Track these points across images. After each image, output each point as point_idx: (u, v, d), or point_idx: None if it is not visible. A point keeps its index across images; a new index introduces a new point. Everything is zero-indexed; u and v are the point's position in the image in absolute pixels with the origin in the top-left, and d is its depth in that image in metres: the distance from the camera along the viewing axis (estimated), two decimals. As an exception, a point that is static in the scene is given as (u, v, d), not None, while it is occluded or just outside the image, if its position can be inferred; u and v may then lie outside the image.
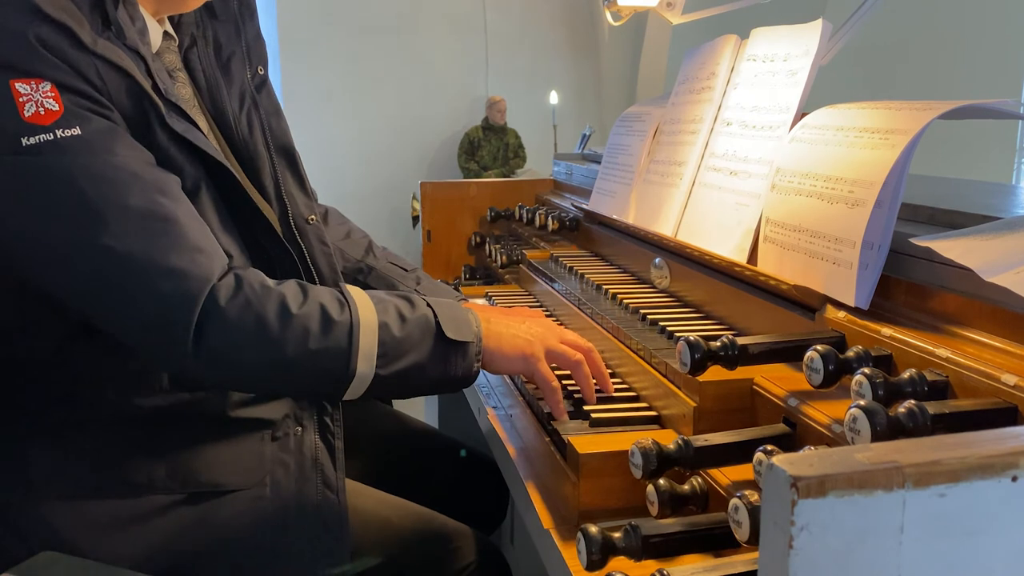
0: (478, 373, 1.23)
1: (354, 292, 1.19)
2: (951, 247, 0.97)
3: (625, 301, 1.53)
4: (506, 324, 1.29)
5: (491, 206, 2.51)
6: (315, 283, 1.33)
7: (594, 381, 1.29)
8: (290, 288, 1.15)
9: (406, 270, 1.65)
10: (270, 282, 1.14)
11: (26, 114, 1.05)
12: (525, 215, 2.35)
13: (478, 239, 2.50)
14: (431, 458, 1.71)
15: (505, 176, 6.72)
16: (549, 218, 2.18)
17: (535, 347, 1.26)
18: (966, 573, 0.54)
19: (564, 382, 1.30)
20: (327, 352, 1.12)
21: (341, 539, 1.27)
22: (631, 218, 1.82)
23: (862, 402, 0.82)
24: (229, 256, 1.20)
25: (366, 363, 1.13)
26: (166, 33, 1.28)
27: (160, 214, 1.09)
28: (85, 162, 1.07)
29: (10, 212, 1.09)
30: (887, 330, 1.00)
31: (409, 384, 1.20)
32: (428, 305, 1.22)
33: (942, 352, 0.91)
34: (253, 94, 1.35)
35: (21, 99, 1.05)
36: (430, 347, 1.18)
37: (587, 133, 3.04)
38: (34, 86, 1.05)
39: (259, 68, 1.38)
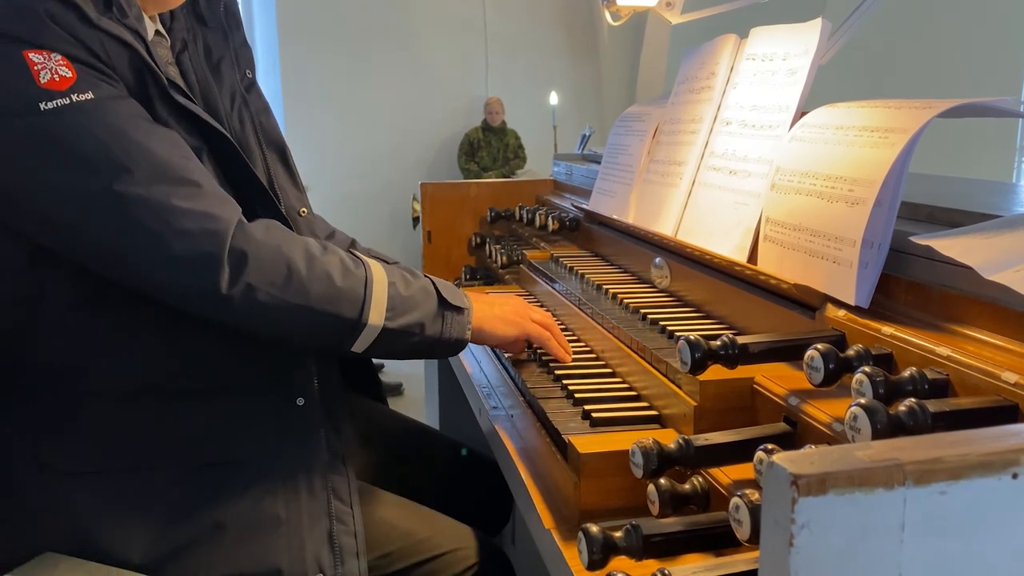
0: (468, 340, 1.36)
1: (363, 256, 1.29)
2: (951, 245, 0.97)
3: (625, 301, 1.53)
4: (489, 303, 1.45)
5: (491, 207, 2.51)
6: None
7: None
8: (310, 240, 1.24)
9: (388, 263, 1.69)
10: (293, 232, 1.24)
11: (42, 80, 1.10)
12: (525, 215, 2.35)
13: (478, 240, 2.50)
14: (434, 459, 1.72)
15: (505, 177, 6.72)
16: (549, 218, 2.18)
17: (523, 314, 1.45)
18: (967, 571, 0.54)
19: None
20: (345, 297, 1.21)
21: (351, 506, 1.28)
22: (631, 218, 1.82)
23: (863, 400, 0.82)
24: None
25: (378, 314, 1.23)
26: (157, 32, 1.32)
27: (177, 165, 1.16)
28: (103, 119, 1.12)
29: (32, 172, 1.12)
30: (887, 329, 1.00)
31: (409, 341, 1.28)
32: (426, 276, 1.35)
33: (942, 350, 0.91)
34: (243, 94, 1.40)
35: (36, 67, 1.10)
36: (432, 308, 1.30)
37: (587, 133, 3.03)
38: (46, 55, 1.11)
39: (247, 72, 1.43)
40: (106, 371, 1.21)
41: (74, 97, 1.10)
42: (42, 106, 1.09)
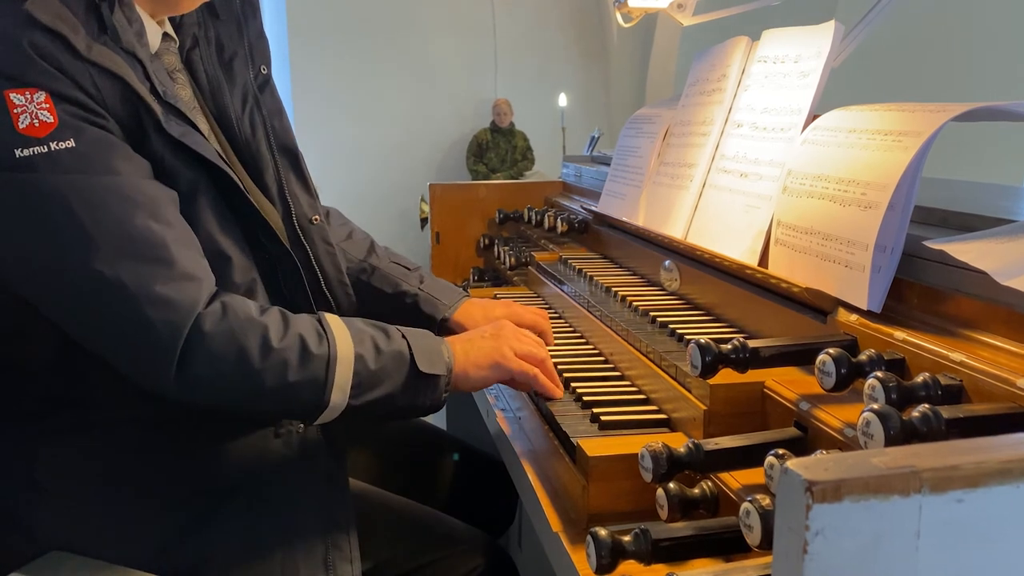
0: (445, 402, 1.25)
1: (333, 323, 1.20)
2: (965, 250, 0.96)
3: (635, 303, 1.53)
4: (473, 343, 1.31)
5: (500, 208, 2.51)
6: (319, 283, 1.33)
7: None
8: (273, 318, 1.15)
9: (409, 269, 1.63)
10: (254, 312, 1.15)
11: (20, 126, 1.04)
12: (534, 217, 2.35)
13: (487, 241, 2.49)
14: (439, 460, 1.71)
15: (513, 178, 6.72)
16: (558, 220, 2.17)
17: (506, 354, 1.29)
18: (983, 580, 0.54)
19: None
20: (304, 384, 1.14)
21: (348, 531, 1.27)
22: (641, 220, 1.82)
23: (875, 406, 0.81)
24: (228, 258, 1.20)
25: (340, 394, 1.15)
26: (166, 34, 1.27)
27: (151, 240, 1.09)
28: (79, 181, 1.07)
29: (1, 227, 1.08)
30: (900, 333, 0.99)
31: (378, 412, 1.22)
32: (403, 336, 1.23)
33: (956, 356, 0.90)
34: (256, 94, 1.34)
35: (16, 110, 1.04)
36: (403, 379, 1.20)
37: (596, 135, 3.03)
38: (29, 96, 1.05)
39: (262, 67, 1.37)
40: (101, 397, 1.19)
41: (52, 145, 1.05)
42: (17, 153, 1.04)
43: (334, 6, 7.00)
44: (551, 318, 1.77)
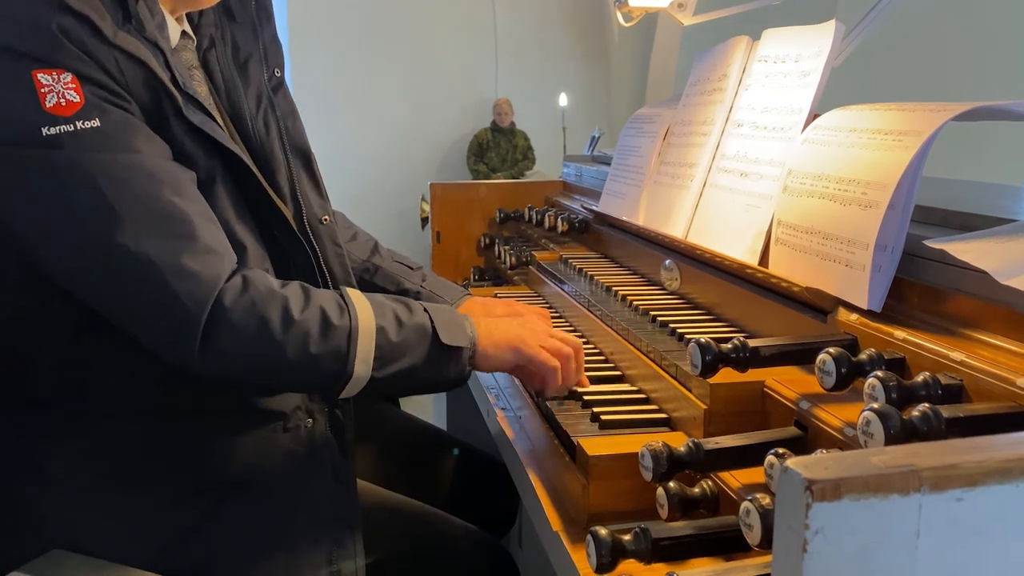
0: (469, 375, 1.26)
1: (354, 296, 1.21)
2: (966, 249, 0.96)
3: (635, 303, 1.53)
4: (497, 324, 1.31)
5: (500, 208, 2.51)
6: (327, 283, 1.33)
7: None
8: (293, 291, 1.17)
9: (412, 268, 1.65)
10: (275, 285, 1.17)
11: (47, 104, 1.06)
12: (534, 217, 2.35)
13: (487, 240, 2.50)
14: (440, 460, 1.71)
15: (514, 178, 6.72)
16: (558, 219, 2.17)
17: (527, 340, 1.29)
18: (983, 579, 0.54)
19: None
20: (326, 355, 1.15)
21: (353, 529, 1.27)
22: (641, 220, 1.82)
23: (875, 405, 0.81)
24: (243, 246, 1.21)
25: (363, 366, 1.16)
26: (184, 33, 1.29)
27: (175, 215, 1.11)
28: (104, 158, 1.09)
29: (27, 204, 1.10)
30: (900, 333, 0.99)
31: (402, 385, 1.24)
32: (425, 310, 1.24)
33: (956, 355, 0.90)
34: (270, 95, 1.36)
35: (43, 89, 1.06)
36: (425, 351, 1.21)
37: (596, 135, 3.03)
38: (56, 77, 1.07)
39: (275, 70, 1.39)
40: (109, 389, 1.19)
41: (79, 124, 1.07)
42: (44, 131, 1.06)
43: (335, 6, 7.00)
44: (552, 317, 1.77)
